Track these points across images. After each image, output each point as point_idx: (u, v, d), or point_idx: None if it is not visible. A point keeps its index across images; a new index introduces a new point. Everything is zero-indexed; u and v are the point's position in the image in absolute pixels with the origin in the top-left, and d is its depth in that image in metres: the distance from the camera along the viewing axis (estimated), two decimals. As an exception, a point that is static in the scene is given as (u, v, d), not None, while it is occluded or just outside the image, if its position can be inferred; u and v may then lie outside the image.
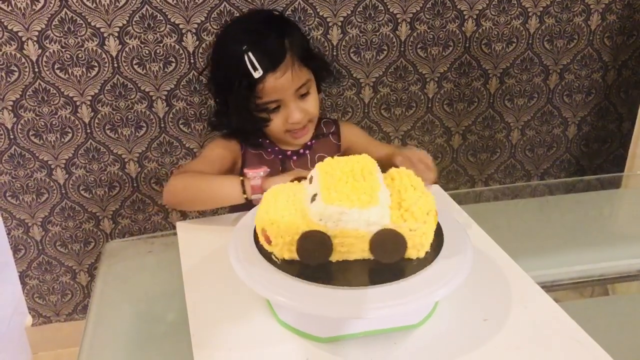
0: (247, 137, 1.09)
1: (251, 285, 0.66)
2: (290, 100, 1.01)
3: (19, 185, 1.43)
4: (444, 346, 0.67)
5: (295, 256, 0.68)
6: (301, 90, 1.02)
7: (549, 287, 0.77)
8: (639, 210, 1.17)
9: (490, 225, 0.89)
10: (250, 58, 0.95)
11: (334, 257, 0.69)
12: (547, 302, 0.73)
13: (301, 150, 1.11)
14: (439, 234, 0.73)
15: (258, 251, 0.71)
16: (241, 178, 0.94)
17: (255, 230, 0.73)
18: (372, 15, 1.41)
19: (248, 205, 0.93)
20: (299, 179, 0.80)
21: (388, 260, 0.68)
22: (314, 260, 0.68)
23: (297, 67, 1.00)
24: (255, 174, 0.92)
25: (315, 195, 0.68)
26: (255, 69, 0.95)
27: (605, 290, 0.91)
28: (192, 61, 1.37)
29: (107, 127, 1.41)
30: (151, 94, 1.39)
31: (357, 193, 0.66)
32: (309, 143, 1.11)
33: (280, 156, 1.10)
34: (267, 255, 0.70)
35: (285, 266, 0.68)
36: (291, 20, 1.12)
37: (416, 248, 0.69)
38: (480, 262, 0.79)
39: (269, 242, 0.69)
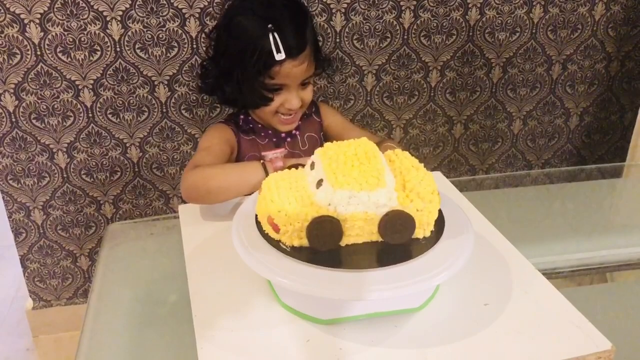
0: (241, 106, 1.11)
1: (253, 267, 0.67)
2: (294, 87, 1.03)
3: (20, 169, 1.43)
4: (444, 330, 0.68)
5: (305, 242, 0.68)
6: (305, 80, 1.04)
7: (549, 275, 0.78)
8: (640, 200, 1.18)
9: (491, 213, 0.89)
10: (275, 39, 0.95)
11: (343, 241, 0.69)
12: (547, 288, 0.74)
13: (293, 131, 1.13)
14: (440, 218, 0.73)
15: (260, 235, 0.71)
16: (262, 161, 0.94)
17: (257, 217, 0.74)
18: (376, 2, 1.40)
19: None
20: (296, 166, 0.80)
21: (398, 241, 0.69)
22: (325, 246, 0.68)
23: (311, 60, 1.03)
24: (275, 154, 0.93)
25: (320, 180, 0.68)
26: (278, 50, 0.95)
27: (605, 279, 0.92)
28: (194, 46, 1.37)
29: (109, 112, 1.41)
30: (153, 78, 1.39)
31: (364, 176, 0.66)
32: (298, 123, 1.13)
33: (274, 139, 1.11)
34: (270, 239, 0.70)
35: (289, 249, 0.68)
36: (309, 12, 1.13)
37: (423, 227, 0.70)
38: (481, 248, 0.80)
39: (277, 230, 0.68)
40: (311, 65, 1.03)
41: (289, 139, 1.12)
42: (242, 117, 1.12)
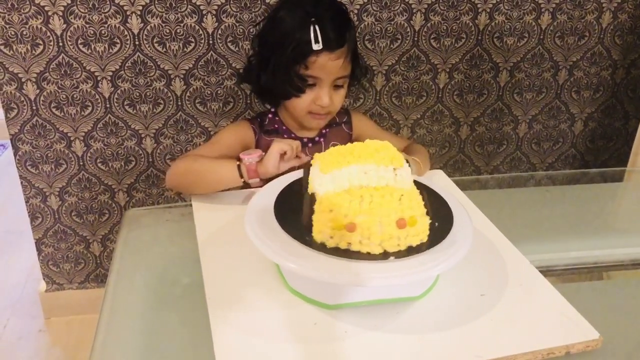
0: (273, 97, 1.13)
1: (264, 251, 0.71)
2: (327, 84, 1.05)
3: (39, 155, 1.48)
4: (442, 317, 0.72)
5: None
6: (339, 82, 1.07)
7: (544, 272, 0.81)
8: (638, 203, 1.21)
9: (492, 212, 0.93)
10: (315, 29, 0.99)
11: None
12: (540, 281, 0.78)
13: (316, 138, 1.14)
14: (442, 215, 0.77)
15: (277, 221, 0.75)
16: (238, 162, 0.98)
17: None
18: (388, 4, 1.44)
19: (247, 187, 0.98)
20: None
21: None
22: None
23: (347, 60, 1.05)
24: (250, 159, 0.97)
25: None
26: (317, 41, 0.99)
27: (600, 278, 0.96)
28: (210, 42, 1.41)
29: (126, 103, 1.45)
30: (170, 72, 1.43)
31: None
32: (323, 131, 1.15)
33: None
34: (281, 224, 0.74)
35: (298, 236, 0.73)
36: (352, 19, 1.16)
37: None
38: (480, 243, 0.84)
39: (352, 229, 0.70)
40: (347, 65, 1.05)
41: (310, 145, 1.13)
42: (269, 116, 1.14)
